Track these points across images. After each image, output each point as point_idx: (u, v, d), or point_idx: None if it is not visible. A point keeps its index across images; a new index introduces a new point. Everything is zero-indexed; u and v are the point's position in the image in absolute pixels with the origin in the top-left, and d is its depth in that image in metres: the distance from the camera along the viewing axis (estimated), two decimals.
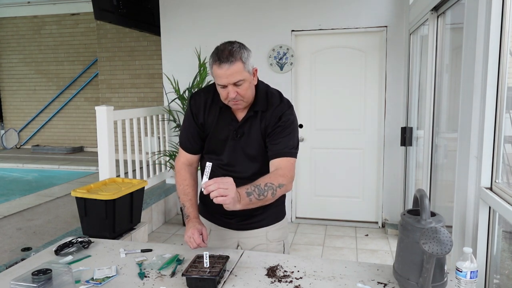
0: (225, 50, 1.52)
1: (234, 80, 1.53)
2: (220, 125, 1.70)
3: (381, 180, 4.36)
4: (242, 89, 1.56)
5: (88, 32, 8.21)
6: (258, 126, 1.67)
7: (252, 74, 1.61)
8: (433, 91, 2.94)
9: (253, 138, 1.68)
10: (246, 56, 1.56)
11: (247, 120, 1.67)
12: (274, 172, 1.60)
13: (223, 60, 1.51)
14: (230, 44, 1.56)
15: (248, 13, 4.47)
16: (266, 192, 1.52)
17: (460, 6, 2.40)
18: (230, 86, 1.54)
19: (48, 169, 7.05)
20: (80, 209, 2.97)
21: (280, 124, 1.65)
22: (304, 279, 1.46)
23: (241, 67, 1.53)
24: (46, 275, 1.27)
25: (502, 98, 1.69)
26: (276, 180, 1.56)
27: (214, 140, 1.72)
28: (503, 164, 1.76)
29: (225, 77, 1.53)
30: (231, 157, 1.71)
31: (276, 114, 1.66)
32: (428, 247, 1.23)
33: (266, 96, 1.69)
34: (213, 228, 1.85)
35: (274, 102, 1.69)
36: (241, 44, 1.58)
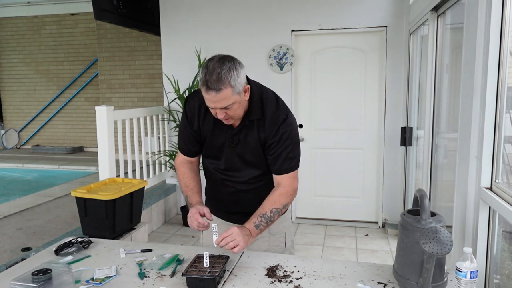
0: (214, 74, 1.43)
1: (221, 105, 1.48)
2: (217, 131, 1.67)
3: (381, 180, 4.36)
4: (231, 111, 1.51)
5: (88, 32, 8.21)
6: (256, 135, 1.63)
7: (242, 93, 1.51)
8: (433, 91, 2.94)
9: (250, 146, 1.65)
10: (235, 78, 1.45)
11: (242, 128, 1.64)
12: (277, 193, 1.64)
13: (210, 87, 1.43)
14: (221, 64, 1.45)
15: (248, 13, 4.47)
16: (273, 217, 1.62)
17: (460, 6, 2.40)
18: (217, 109, 1.50)
19: (48, 169, 7.05)
20: (80, 209, 2.97)
21: (280, 137, 1.61)
22: (304, 279, 1.46)
23: (229, 93, 1.45)
24: (46, 275, 1.27)
25: (502, 98, 1.69)
26: (280, 202, 1.63)
27: (212, 145, 1.71)
28: (503, 164, 1.76)
29: (212, 102, 1.48)
30: (229, 163, 1.70)
31: (274, 123, 1.61)
32: (428, 247, 1.23)
33: (261, 103, 1.62)
34: (218, 222, 1.85)
35: (270, 109, 1.62)
36: (232, 64, 1.47)
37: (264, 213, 1.59)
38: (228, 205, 1.82)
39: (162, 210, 4.52)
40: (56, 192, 4.96)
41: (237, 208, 1.80)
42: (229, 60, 1.47)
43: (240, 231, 1.52)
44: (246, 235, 1.53)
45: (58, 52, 8.58)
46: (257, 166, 1.69)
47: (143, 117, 4.30)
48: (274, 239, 1.84)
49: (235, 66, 1.47)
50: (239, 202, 1.78)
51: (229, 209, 1.83)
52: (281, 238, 1.86)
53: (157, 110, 4.61)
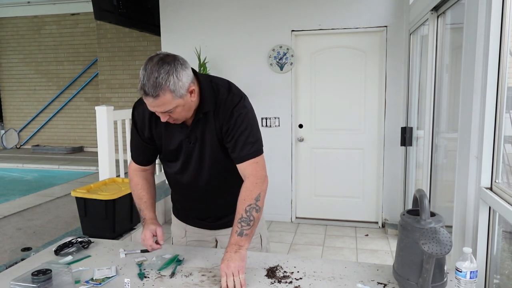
0: (151, 79, 1.32)
1: (161, 110, 1.39)
2: (170, 133, 1.57)
3: (381, 180, 4.35)
4: (174, 114, 1.42)
5: (88, 32, 8.22)
6: (213, 126, 1.53)
7: (187, 94, 1.40)
8: (433, 91, 2.94)
9: (208, 141, 1.55)
10: (175, 82, 1.34)
11: (197, 123, 1.53)
12: (244, 189, 1.50)
13: (147, 92, 1.33)
14: (159, 67, 1.33)
15: (248, 13, 4.47)
16: (251, 216, 1.47)
17: (460, 6, 2.40)
18: (159, 113, 1.42)
19: (48, 169, 7.06)
20: (80, 209, 2.97)
21: (235, 121, 1.50)
22: (304, 280, 1.46)
23: (169, 98, 1.35)
24: (46, 275, 1.27)
25: (502, 98, 1.69)
26: (250, 197, 1.48)
27: (168, 149, 1.60)
28: (503, 164, 1.76)
29: (152, 107, 1.39)
30: (188, 164, 1.60)
31: (227, 107, 1.51)
32: (428, 247, 1.23)
33: (213, 92, 1.52)
34: (188, 229, 1.83)
35: (222, 94, 1.52)
36: (171, 67, 1.35)
37: (241, 217, 1.46)
38: (195, 210, 1.76)
39: (162, 210, 4.52)
40: (56, 192, 4.96)
41: (205, 212, 1.74)
42: (168, 62, 1.35)
43: (228, 264, 1.38)
44: (232, 254, 1.41)
45: (58, 52, 8.58)
46: (217, 162, 1.58)
47: None
48: None
49: (176, 68, 1.35)
50: (206, 205, 1.72)
51: (197, 215, 1.77)
52: (256, 239, 1.80)
53: None
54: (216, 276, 1.49)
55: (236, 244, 1.44)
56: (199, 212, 1.76)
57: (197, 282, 1.46)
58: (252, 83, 4.42)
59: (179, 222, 1.85)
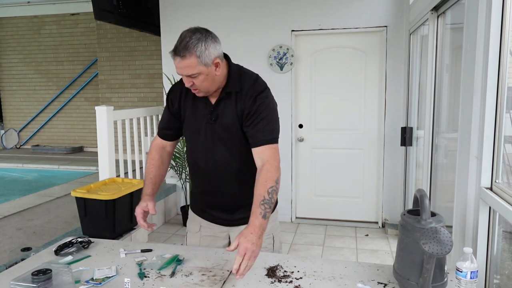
0: (183, 41, 1.49)
1: (186, 73, 1.53)
2: (196, 110, 1.70)
3: (381, 180, 4.35)
4: (197, 80, 1.55)
5: (88, 32, 8.21)
6: (234, 108, 1.64)
7: (212, 66, 1.53)
8: (433, 91, 2.94)
9: (228, 120, 1.65)
10: (203, 49, 1.49)
11: (220, 102, 1.65)
12: (264, 171, 1.55)
13: (177, 53, 1.50)
14: (191, 34, 1.50)
15: (248, 13, 4.47)
16: (273, 198, 1.51)
17: (460, 6, 2.40)
18: (184, 76, 1.56)
19: (48, 169, 7.05)
20: (80, 209, 2.97)
21: (257, 107, 1.61)
22: (304, 279, 1.46)
23: (194, 62, 1.49)
24: (46, 275, 1.27)
25: (502, 98, 1.69)
26: (271, 179, 1.54)
27: (191, 123, 1.72)
28: (503, 164, 1.76)
29: (178, 69, 1.54)
30: (207, 141, 1.69)
31: (252, 94, 1.62)
32: (428, 247, 1.23)
33: (240, 76, 1.66)
34: (203, 224, 1.86)
35: (248, 82, 1.65)
36: (202, 36, 1.50)
37: (263, 198, 1.49)
38: (211, 196, 1.80)
39: (162, 210, 4.52)
40: (56, 192, 4.96)
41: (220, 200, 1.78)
42: (201, 32, 1.51)
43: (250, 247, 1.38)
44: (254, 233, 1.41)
45: (58, 52, 8.57)
46: (234, 142, 1.67)
47: (143, 117, 4.30)
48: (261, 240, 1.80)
49: (206, 39, 1.50)
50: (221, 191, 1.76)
51: (213, 204, 1.81)
52: (268, 239, 1.82)
53: (157, 110, 4.61)
54: (216, 276, 1.49)
55: (260, 227, 1.44)
56: (215, 200, 1.80)
57: (197, 281, 1.46)
58: None
59: (195, 216, 1.88)
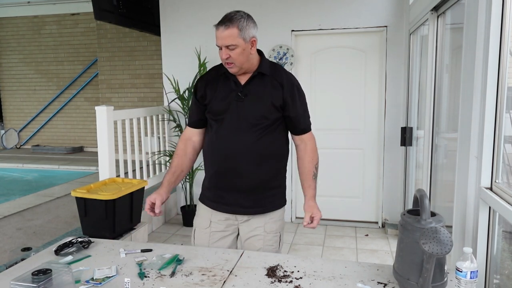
0: (228, 16, 1.67)
1: (226, 43, 1.65)
2: (223, 90, 1.78)
3: (381, 180, 4.35)
4: (234, 53, 1.67)
5: (88, 32, 8.22)
6: (269, 90, 1.75)
7: (249, 43, 1.69)
8: (433, 91, 2.94)
9: (259, 99, 1.75)
10: (244, 24, 1.66)
11: (251, 81, 1.76)
12: (309, 151, 1.88)
13: (221, 23, 1.66)
14: (236, 12, 1.69)
15: (248, 13, 4.46)
16: (317, 172, 1.90)
17: (460, 6, 2.40)
18: (223, 48, 1.67)
19: (48, 169, 7.05)
20: (80, 209, 2.97)
21: (299, 98, 1.79)
22: (304, 279, 1.46)
23: (235, 33, 1.64)
24: (46, 275, 1.27)
25: (502, 98, 1.69)
26: (316, 156, 1.90)
27: (218, 102, 1.78)
28: (503, 164, 1.76)
29: (220, 39, 1.67)
30: (235, 117, 1.75)
31: (291, 82, 1.78)
32: (428, 247, 1.23)
33: (270, 63, 1.83)
34: (213, 219, 1.86)
35: (282, 70, 1.82)
36: (245, 15, 1.70)
37: (313, 173, 1.88)
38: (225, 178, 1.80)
39: (162, 210, 4.51)
40: (56, 192, 4.96)
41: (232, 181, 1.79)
42: (244, 12, 1.72)
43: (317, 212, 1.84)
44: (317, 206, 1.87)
45: (58, 52, 8.58)
46: (261, 122, 1.74)
47: (143, 117, 4.30)
48: (269, 238, 1.84)
49: (248, 18, 1.70)
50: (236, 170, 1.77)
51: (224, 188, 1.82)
52: (275, 237, 1.87)
53: (157, 110, 4.61)
54: (216, 276, 1.49)
55: (314, 197, 1.89)
56: (227, 181, 1.80)
57: (197, 281, 1.46)
58: None
59: (205, 211, 1.88)
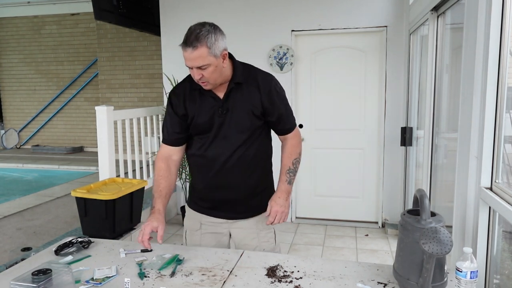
0: (193, 33, 1.55)
1: (197, 64, 1.56)
2: (204, 105, 1.71)
3: (381, 180, 4.35)
4: (206, 72, 1.58)
5: (88, 32, 8.22)
6: (248, 99, 1.69)
7: (220, 58, 1.59)
8: (433, 91, 2.94)
9: (240, 112, 1.69)
10: (213, 40, 1.55)
11: (230, 94, 1.69)
12: (289, 145, 1.82)
13: (188, 44, 1.55)
14: (201, 26, 1.56)
15: (248, 13, 4.47)
16: (296, 168, 1.81)
17: (460, 6, 2.40)
18: (194, 69, 1.59)
19: (48, 169, 7.06)
20: (80, 209, 2.97)
21: (277, 98, 1.72)
22: (304, 279, 1.46)
23: (205, 52, 1.54)
24: (46, 275, 1.27)
25: (502, 98, 1.69)
26: (295, 152, 1.83)
27: (200, 121, 1.71)
28: (503, 164, 1.76)
29: (189, 60, 1.58)
30: (220, 134, 1.70)
31: (266, 85, 1.71)
32: (428, 247, 1.23)
33: (243, 68, 1.73)
34: (203, 221, 1.85)
35: (254, 71, 1.74)
36: (211, 28, 1.57)
37: (288, 168, 1.79)
38: (215, 192, 1.78)
39: None
40: (56, 192, 4.96)
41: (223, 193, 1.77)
42: (210, 25, 1.58)
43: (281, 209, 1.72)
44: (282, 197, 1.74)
45: (58, 52, 8.58)
46: (245, 133, 1.71)
47: (143, 117, 4.30)
48: (263, 234, 1.84)
49: (214, 31, 1.57)
50: (226, 183, 1.75)
51: (217, 197, 1.79)
52: (270, 233, 1.87)
53: (157, 110, 4.61)
54: (216, 276, 1.49)
55: (286, 192, 1.77)
56: (218, 194, 1.78)
57: (197, 281, 1.46)
58: None
59: (195, 214, 1.88)
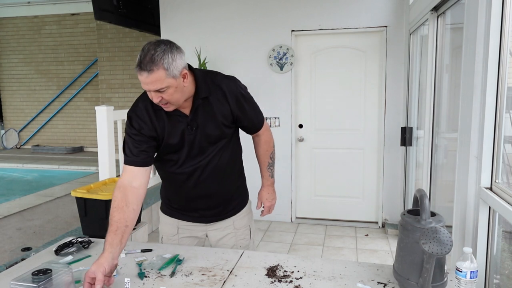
0: (148, 55, 1.41)
1: (154, 88, 1.44)
2: (172, 125, 1.60)
3: (381, 180, 4.35)
4: (166, 94, 1.46)
5: (88, 32, 8.22)
6: (216, 111, 1.61)
7: (180, 78, 1.47)
8: (433, 91, 2.94)
9: (210, 126, 1.62)
10: (169, 61, 1.42)
11: (197, 111, 1.60)
12: (262, 142, 1.86)
13: (143, 67, 1.41)
14: (155, 46, 1.42)
15: (248, 13, 4.47)
16: (274, 158, 1.91)
17: (460, 6, 2.40)
18: (152, 92, 1.46)
19: (48, 169, 7.06)
20: (80, 209, 2.97)
21: (243, 104, 1.68)
22: (304, 279, 1.46)
23: (162, 75, 1.41)
24: (46, 275, 1.27)
25: (502, 98, 1.69)
26: (270, 146, 1.89)
27: (170, 141, 1.62)
28: (503, 164, 1.76)
29: (145, 84, 1.45)
30: (193, 149, 1.64)
31: (234, 93, 1.64)
32: (428, 247, 1.23)
33: (206, 79, 1.62)
34: (180, 225, 1.85)
35: (217, 79, 1.64)
36: (168, 47, 1.44)
37: (268, 164, 1.89)
38: (192, 201, 1.76)
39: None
40: (56, 192, 4.96)
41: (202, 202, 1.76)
42: (165, 43, 1.45)
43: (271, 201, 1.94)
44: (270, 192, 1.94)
45: (58, 52, 8.58)
46: (219, 145, 1.68)
47: None
48: (240, 233, 1.86)
49: (171, 49, 1.44)
50: (203, 193, 1.73)
51: (193, 206, 1.78)
52: (246, 231, 1.89)
53: None
54: (216, 276, 1.49)
55: (271, 185, 1.94)
56: (196, 203, 1.77)
57: (197, 281, 1.46)
58: (252, 83, 4.41)
59: (171, 220, 1.86)
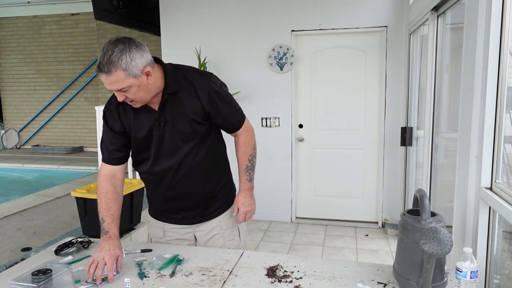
0: (105, 56, 1.39)
1: (115, 88, 1.44)
2: (139, 120, 1.60)
3: (381, 180, 4.35)
4: (130, 93, 1.46)
5: (88, 32, 8.22)
6: (186, 107, 1.58)
7: (142, 76, 1.45)
8: (433, 91, 2.94)
9: (180, 121, 1.59)
10: (128, 61, 1.39)
11: (165, 106, 1.57)
12: (241, 143, 1.75)
13: (101, 69, 1.40)
14: (113, 46, 1.40)
15: (248, 13, 4.47)
16: (254, 163, 1.77)
17: (460, 6, 2.40)
18: (115, 92, 1.47)
19: (48, 169, 7.06)
20: (80, 209, 2.96)
21: (216, 100, 1.61)
22: (304, 279, 1.46)
23: (122, 76, 1.40)
24: (46, 275, 1.27)
25: (502, 98, 1.69)
26: (249, 147, 1.76)
27: (138, 137, 1.63)
28: (503, 164, 1.76)
29: (106, 85, 1.44)
30: (161, 150, 1.62)
31: (203, 89, 1.59)
32: (428, 247, 1.23)
33: (178, 74, 1.59)
34: (166, 228, 1.84)
35: (189, 75, 1.61)
36: (126, 46, 1.41)
37: (246, 166, 1.75)
38: (172, 201, 1.76)
39: None
40: (56, 192, 4.97)
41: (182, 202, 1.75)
42: (123, 42, 1.41)
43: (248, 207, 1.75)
44: (247, 197, 1.76)
45: (58, 52, 8.58)
46: (191, 141, 1.63)
47: None
48: (227, 233, 1.83)
49: (129, 48, 1.41)
50: (182, 193, 1.72)
51: (174, 207, 1.78)
52: (234, 231, 1.85)
53: None
54: (216, 276, 1.49)
55: (249, 190, 1.79)
56: (176, 204, 1.76)
57: (197, 281, 1.46)
58: (252, 83, 4.42)
59: (157, 222, 1.86)
